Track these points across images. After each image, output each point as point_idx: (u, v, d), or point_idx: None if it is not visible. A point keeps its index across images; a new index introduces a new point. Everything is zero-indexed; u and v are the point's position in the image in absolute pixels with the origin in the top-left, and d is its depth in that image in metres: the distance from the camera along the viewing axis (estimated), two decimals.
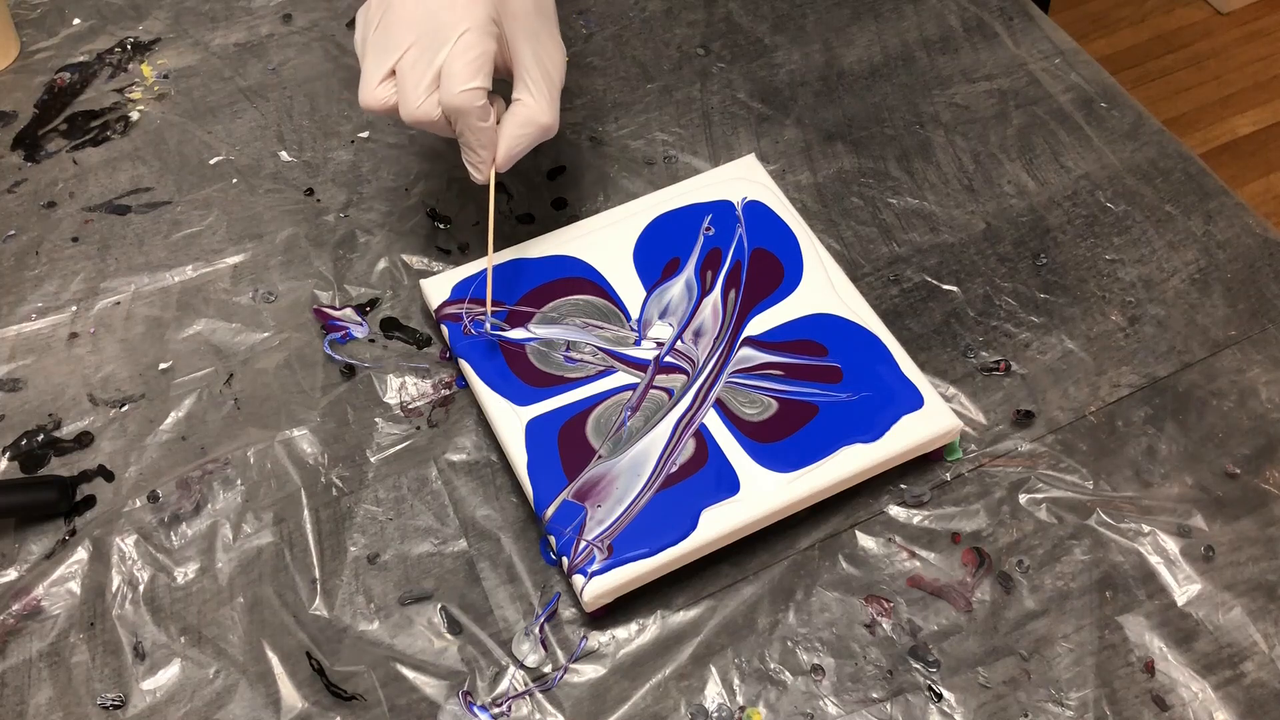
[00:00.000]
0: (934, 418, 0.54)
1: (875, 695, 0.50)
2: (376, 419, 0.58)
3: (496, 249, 0.63)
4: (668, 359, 0.56)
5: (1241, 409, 0.57)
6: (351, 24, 0.75)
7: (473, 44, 0.52)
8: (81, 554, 0.54)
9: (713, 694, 0.50)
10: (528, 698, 0.50)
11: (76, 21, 0.76)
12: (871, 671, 0.50)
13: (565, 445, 0.53)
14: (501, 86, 0.56)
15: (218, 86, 0.72)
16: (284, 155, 0.69)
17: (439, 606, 0.52)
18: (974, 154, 0.67)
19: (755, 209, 0.62)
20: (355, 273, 0.63)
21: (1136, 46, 1.83)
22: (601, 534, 0.51)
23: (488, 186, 0.57)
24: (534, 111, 0.55)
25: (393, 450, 0.57)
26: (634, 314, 0.58)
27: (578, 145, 0.68)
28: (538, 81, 0.55)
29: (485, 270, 0.58)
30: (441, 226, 0.65)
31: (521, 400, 0.55)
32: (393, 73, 0.54)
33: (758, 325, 0.57)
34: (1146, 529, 0.54)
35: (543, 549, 0.54)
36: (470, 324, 0.58)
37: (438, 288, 0.59)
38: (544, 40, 0.55)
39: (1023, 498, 0.55)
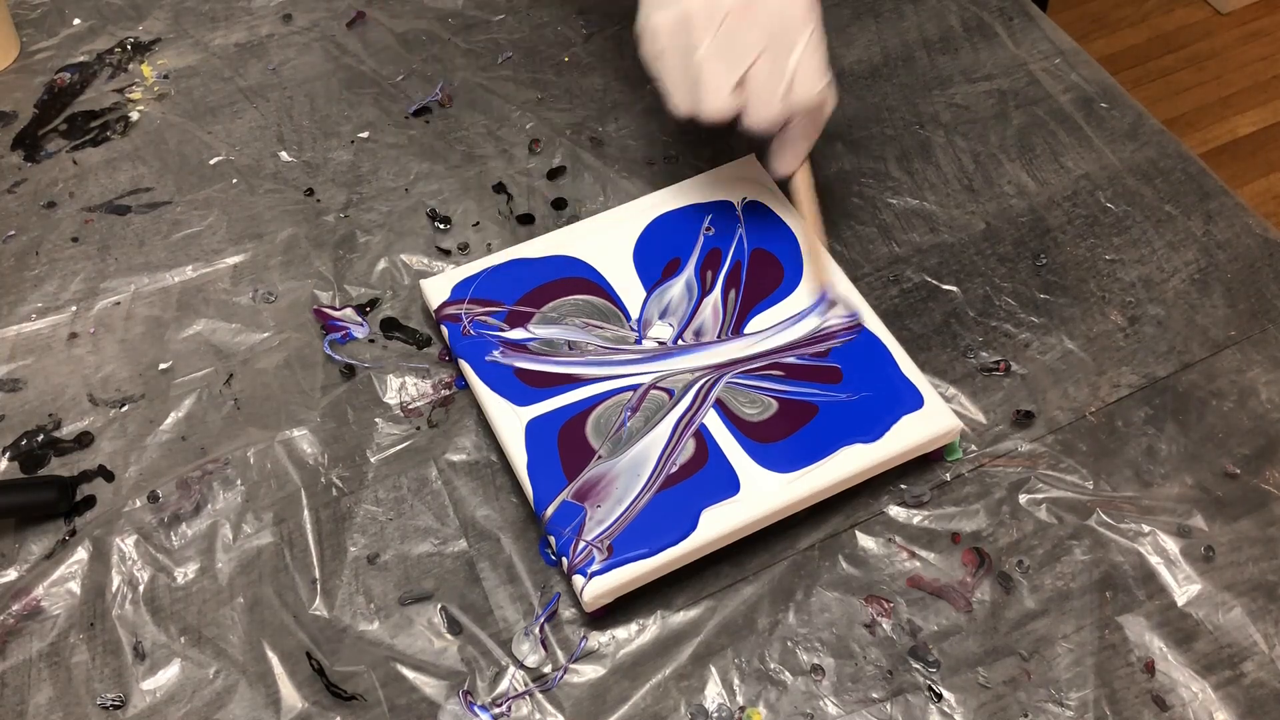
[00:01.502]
0: (934, 418, 0.54)
1: (875, 695, 0.50)
2: (376, 419, 0.58)
3: (496, 249, 0.63)
4: (668, 360, 0.56)
5: (1241, 409, 0.57)
6: (352, 24, 0.75)
7: (818, 44, 0.54)
8: (81, 554, 0.54)
9: (713, 694, 0.50)
10: (528, 698, 0.50)
11: (76, 21, 0.76)
12: (871, 671, 0.50)
13: (565, 445, 0.53)
14: None
15: (218, 86, 0.72)
16: (284, 155, 0.69)
17: (439, 606, 0.52)
18: (974, 154, 0.67)
19: (755, 209, 0.62)
20: (355, 273, 0.63)
21: (1136, 46, 1.83)
22: (601, 534, 0.51)
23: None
24: (829, 101, 0.57)
25: (393, 450, 0.57)
26: (634, 314, 0.58)
27: (578, 145, 0.68)
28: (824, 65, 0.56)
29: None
30: (441, 226, 0.65)
31: (521, 400, 0.55)
32: (739, 81, 0.54)
33: (758, 325, 0.57)
34: (1146, 529, 0.54)
35: (542, 549, 0.54)
36: (470, 325, 0.58)
37: (438, 288, 0.59)
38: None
39: (1023, 498, 0.55)
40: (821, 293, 0.58)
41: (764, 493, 0.52)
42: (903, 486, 0.55)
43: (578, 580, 0.50)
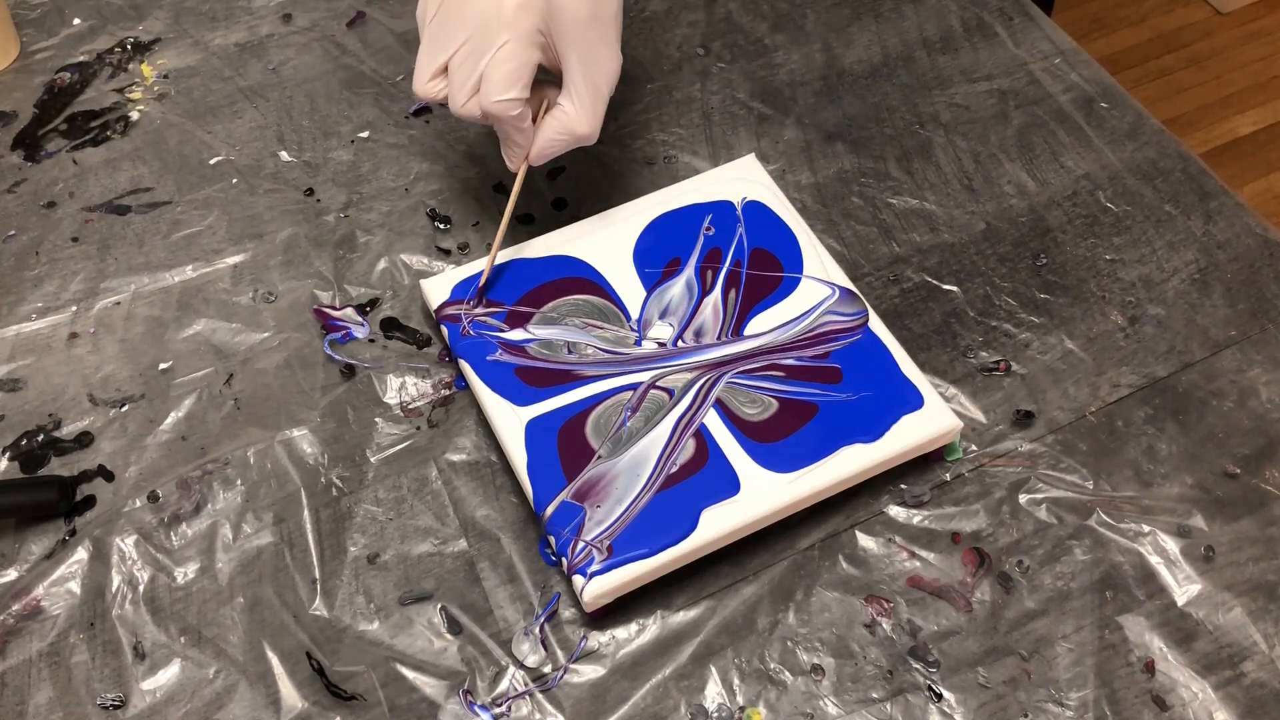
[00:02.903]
0: (934, 418, 0.54)
1: (875, 695, 0.50)
2: (376, 419, 0.58)
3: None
4: (667, 361, 0.56)
5: (1241, 409, 0.57)
6: (352, 24, 0.75)
7: (512, 54, 0.54)
8: (81, 554, 0.54)
9: (713, 694, 0.50)
10: (528, 698, 0.50)
11: (76, 21, 0.76)
12: (871, 671, 0.50)
13: (565, 445, 0.53)
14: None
15: (218, 86, 0.72)
16: (284, 155, 0.69)
17: (439, 606, 0.52)
18: (974, 154, 0.67)
19: (755, 209, 0.62)
20: (355, 273, 0.63)
21: (1136, 46, 1.83)
22: (601, 534, 0.51)
23: (513, 176, 0.60)
24: (572, 120, 0.56)
25: (393, 450, 0.57)
26: (634, 314, 0.58)
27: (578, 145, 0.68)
28: (580, 91, 0.55)
29: (486, 262, 0.59)
30: (441, 226, 0.65)
31: (521, 400, 0.55)
32: (445, 67, 0.56)
33: (758, 325, 0.57)
34: (1146, 529, 0.54)
35: (542, 549, 0.54)
36: (470, 325, 0.58)
37: (438, 288, 0.59)
38: (596, 49, 0.55)
39: (1023, 498, 0.55)
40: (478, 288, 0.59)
41: (764, 493, 0.52)
42: (903, 486, 0.55)
43: (578, 580, 0.50)
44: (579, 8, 0.54)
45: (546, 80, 0.57)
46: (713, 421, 0.54)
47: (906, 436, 0.53)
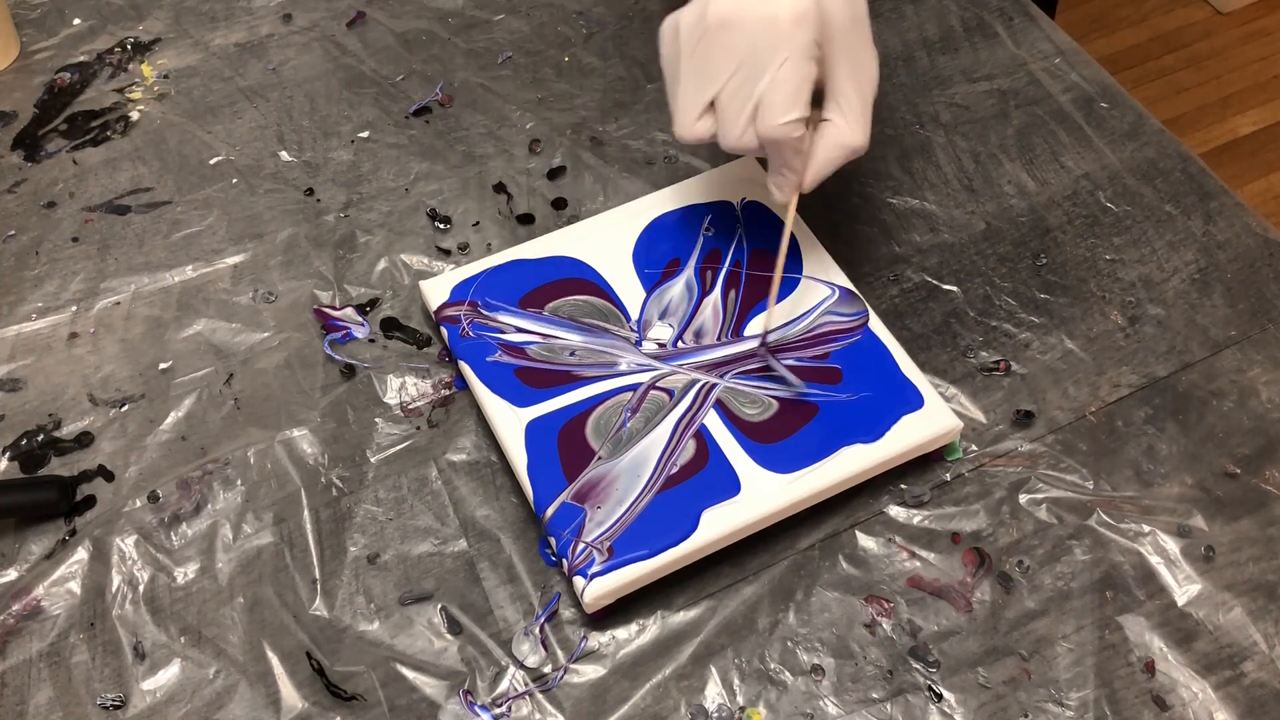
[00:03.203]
0: (934, 418, 0.54)
1: (875, 695, 0.50)
2: (376, 419, 0.58)
3: (496, 249, 0.63)
4: (667, 362, 0.56)
5: (1241, 409, 0.57)
6: (352, 24, 0.75)
7: (793, 72, 0.50)
8: (81, 554, 0.54)
9: (713, 694, 0.50)
10: (528, 698, 0.50)
11: (76, 21, 0.76)
12: (871, 671, 0.50)
13: (565, 446, 0.53)
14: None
15: (218, 86, 0.72)
16: (284, 155, 0.69)
17: (439, 606, 0.52)
18: (974, 154, 0.67)
19: (755, 209, 0.62)
20: (355, 273, 0.63)
21: (1136, 46, 1.83)
22: (601, 535, 0.51)
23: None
24: (845, 134, 0.52)
25: (393, 450, 0.57)
26: (634, 314, 0.58)
27: (578, 145, 0.68)
28: (850, 101, 0.52)
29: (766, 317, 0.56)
30: (441, 226, 0.65)
31: (521, 401, 0.55)
32: (711, 104, 0.52)
33: (758, 326, 0.57)
34: (1146, 529, 0.54)
35: (542, 550, 0.54)
36: (469, 326, 0.58)
37: (437, 289, 0.59)
38: (860, 54, 0.52)
39: (1023, 498, 0.55)
40: (761, 338, 0.56)
41: (764, 493, 0.52)
42: (903, 486, 0.55)
43: (578, 582, 0.50)
44: (844, 11, 0.50)
45: None
46: (713, 422, 0.54)
47: (906, 436, 0.53)
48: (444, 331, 0.58)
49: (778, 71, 0.50)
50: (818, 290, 0.59)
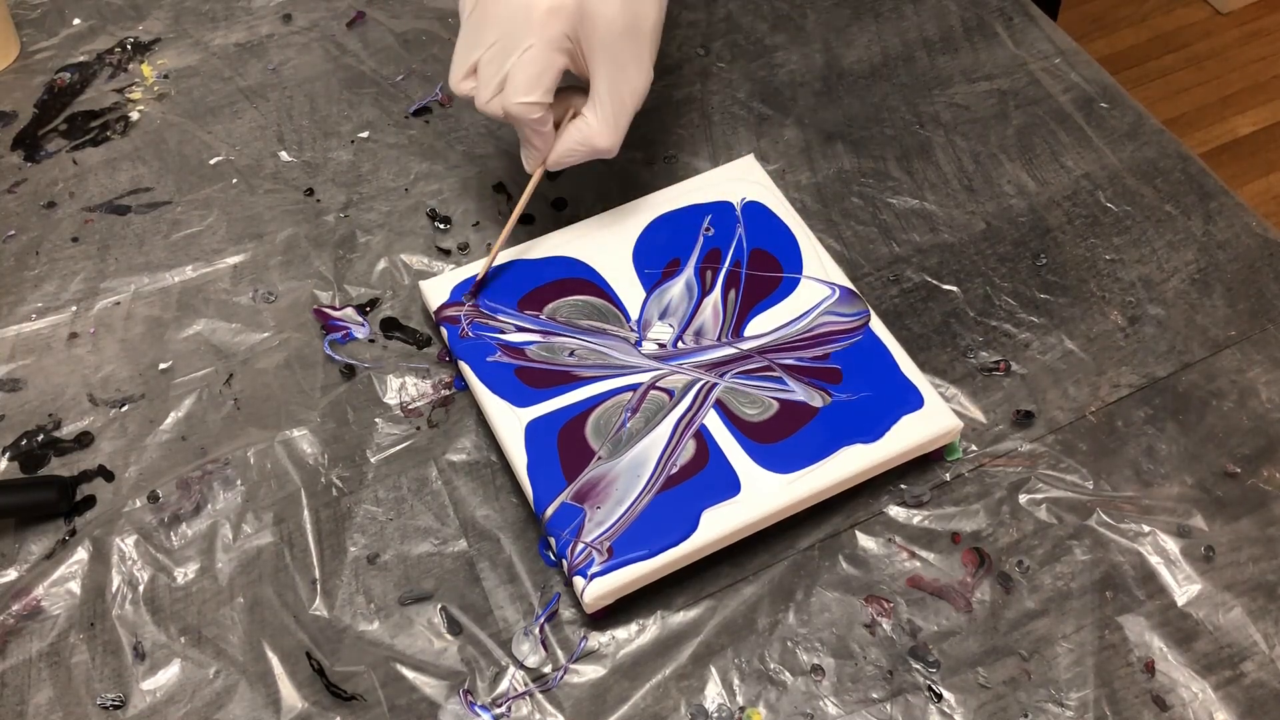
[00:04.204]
0: (934, 418, 0.54)
1: (875, 695, 0.50)
2: (376, 419, 0.58)
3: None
4: (668, 360, 0.56)
5: (1241, 409, 0.57)
6: (352, 24, 0.75)
7: (535, 59, 0.53)
8: (81, 554, 0.54)
9: (713, 694, 0.50)
10: (528, 698, 0.50)
11: (76, 21, 0.76)
12: (871, 672, 0.50)
13: (565, 446, 0.53)
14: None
15: (218, 86, 0.72)
16: (284, 155, 0.69)
17: (439, 606, 0.52)
18: (974, 154, 0.67)
19: (754, 209, 0.62)
20: (355, 273, 0.63)
21: (1136, 46, 1.83)
22: (601, 535, 0.51)
23: (522, 177, 0.60)
24: (593, 132, 0.56)
25: (393, 450, 0.57)
26: (634, 314, 0.58)
27: None
28: (604, 104, 0.55)
29: (483, 263, 0.59)
30: (441, 226, 0.65)
31: (521, 401, 0.55)
32: (475, 66, 0.55)
33: (758, 326, 0.57)
34: (1146, 529, 0.54)
35: (542, 550, 0.54)
36: (469, 327, 0.58)
37: (437, 289, 0.59)
38: (625, 63, 0.54)
39: (1023, 498, 0.55)
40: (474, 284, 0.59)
41: (764, 493, 0.52)
42: (903, 486, 0.55)
43: (578, 582, 0.50)
44: (613, 19, 0.53)
45: (574, 87, 0.57)
46: (713, 422, 0.54)
47: (906, 436, 0.53)
48: (444, 331, 0.58)
49: (523, 54, 0.53)
50: (818, 290, 0.59)
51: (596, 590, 0.50)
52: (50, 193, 0.68)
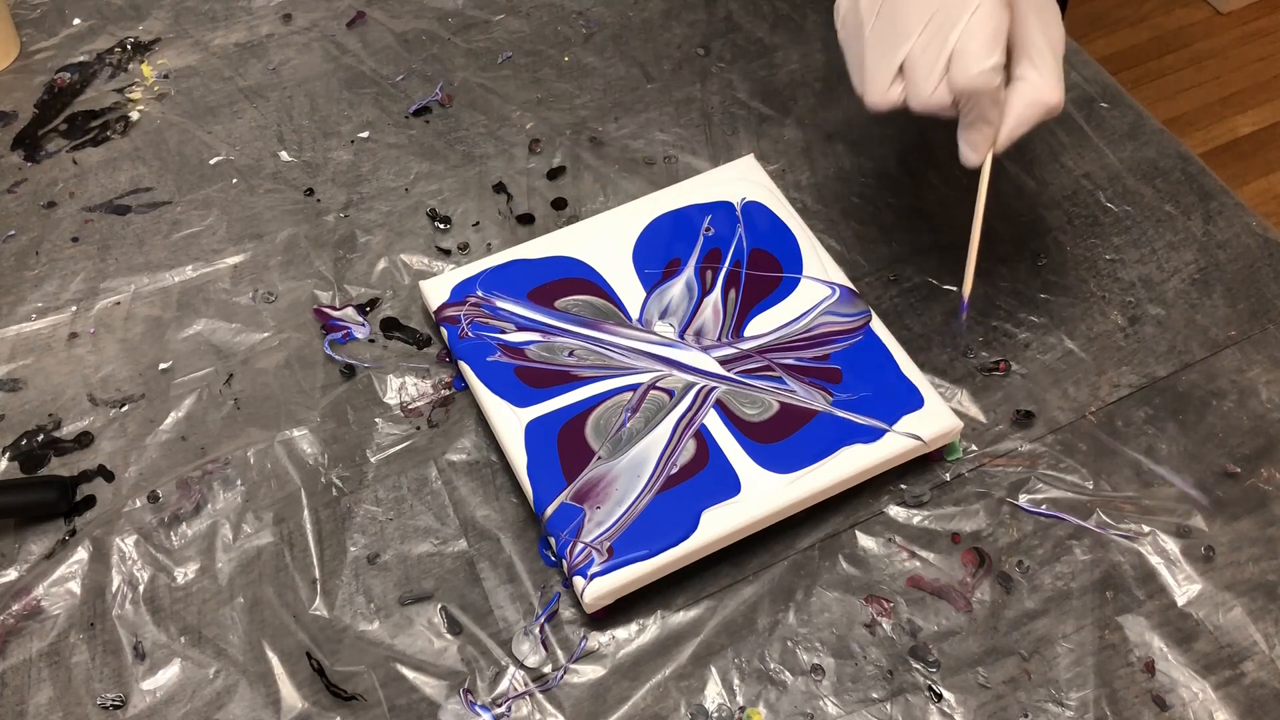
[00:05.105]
0: (934, 418, 0.54)
1: (875, 695, 0.50)
2: (376, 419, 0.58)
3: (496, 249, 0.63)
4: (668, 354, 0.56)
5: (1241, 409, 0.57)
6: (352, 24, 0.75)
7: (989, 16, 0.48)
8: (81, 554, 0.54)
9: (713, 694, 0.50)
10: (528, 698, 0.50)
11: (76, 21, 0.76)
12: (871, 671, 0.50)
13: (565, 446, 0.53)
14: None
15: (218, 86, 0.72)
16: (284, 155, 0.69)
17: (439, 606, 0.52)
18: None
19: (754, 209, 0.62)
20: (355, 273, 0.63)
21: (1136, 46, 1.83)
22: (601, 535, 0.51)
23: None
24: (1041, 89, 0.50)
25: (393, 450, 0.57)
26: (634, 314, 0.58)
27: (578, 145, 0.68)
28: (1044, 55, 0.50)
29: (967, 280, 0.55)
30: (441, 226, 0.65)
31: (521, 401, 0.55)
32: (900, 68, 0.51)
33: (758, 326, 0.57)
34: (1146, 529, 0.54)
35: (542, 550, 0.54)
36: (468, 327, 0.58)
37: (437, 289, 0.59)
38: (1047, 8, 0.51)
39: (1023, 498, 0.55)
40: (962, 302, 0.56)
41: (764, 493, 0.52)
42: (903, 486, 0.55)
43: (578, 582, 0.50)
44: None
45: None
46: (713, 422, 0.54)
47: (906, 437, 0.53)
48: (444, 331, 0.58)
49: (971, 19, 0.48)
50: (818, 290, 0.59)
51: (597, 590, 0.50)
52: (50, 193, 0.68)
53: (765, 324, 0.58)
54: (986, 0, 0.48)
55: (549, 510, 0.52)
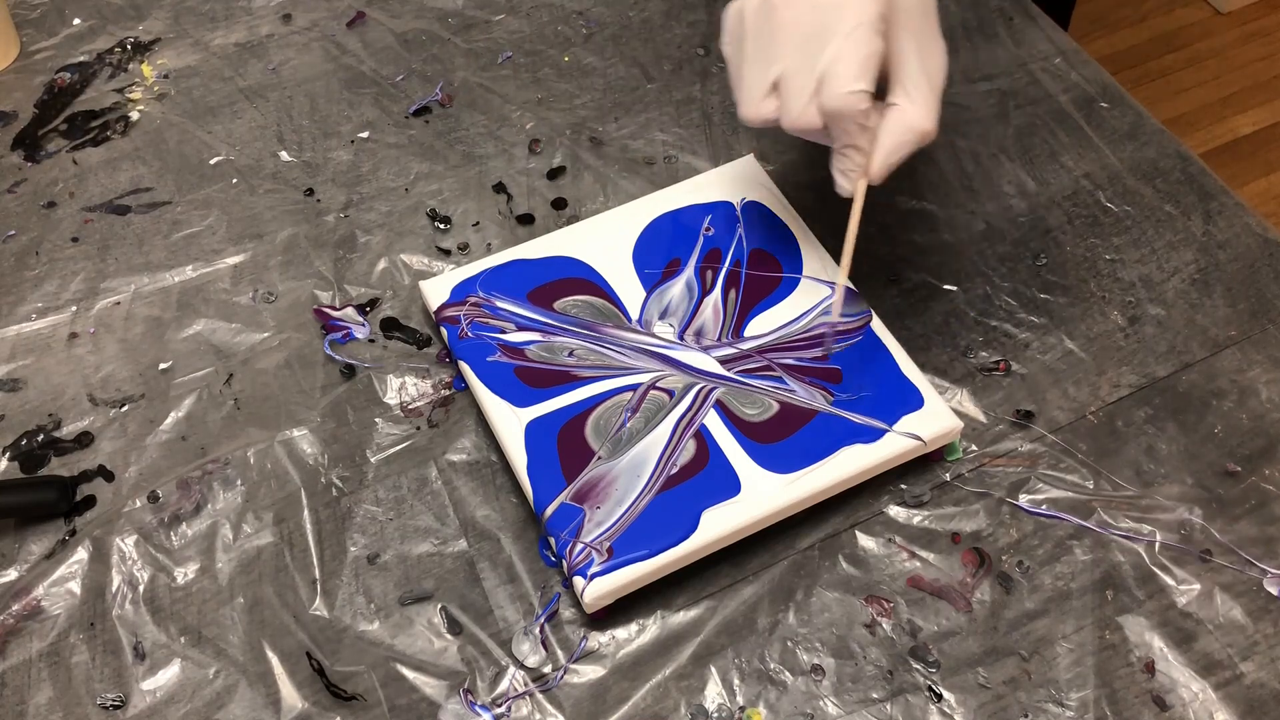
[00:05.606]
0: (934, 418, 0.54)
1: (875, 695, 0.50)
2: (376, 419, 0.58)
3: (496, 249, 0.63)
4: (668, 352, 0.56)
5: (1241, 409, 0.57)
6: (352, 24, 0.75)
7: (861, 42, 0.48)
8: (81, 554, 0.54)
9: (713, 694, 0.50)
10: (528, 698, 0.50)
11: (76, 21, 0.76)
12: (871, 672, 0.50)
13: (565, 447, 0.53)
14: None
15: (218, 86, 0.72)
16: (284, 155, 0.69)
17: (439, 606, 0.52)
18: (974, 154, 0.67)
19: (754, 209, 0.62)
20: (355, 273, 0.63)
21: (1136, 46, 1.83)
22: (601, 535, 0.51)
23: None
24: (914, 116, 0.50)
25: (393, 450, 0.57)
26: (634, 314, 0.58)
27: (578, 145, 0.68)
28: (919, 83, 0.50)
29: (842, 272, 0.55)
30: (441, 226, 0.65)
31: (521, 401, 0.55)
32: (776, 84, 0.51)
33: (758, 326, 0.57)
34: (1146, 529, 0.54)
35: (542, 550, 0.54)
36: (468, 327, 0.58)
37: (437, 289, 0.59)
38: (927, 39, 0.51)
39: (1023, 498, 0.55)
40: (831, 325, 0.57)
41: (764, 493, 0.52)
42: (903, 486, 0.55)
43: (578, 582, 0.50)
44: None
45: None
46: (713, 422, 0.54)
47: (906, 437, 0.53)
48: (444, 331, 0.58)
49: (844, 42, 0.48)
50: (818, 290, 0.59)
51: (597, 590, 0.50)
52: (50, 193, 0.68)
53: (765, 324, 0.58)
54: (861, 27, 0.48)
55: (549, 510, 0.52)
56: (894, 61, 0.50)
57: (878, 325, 0.57)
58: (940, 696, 0.49)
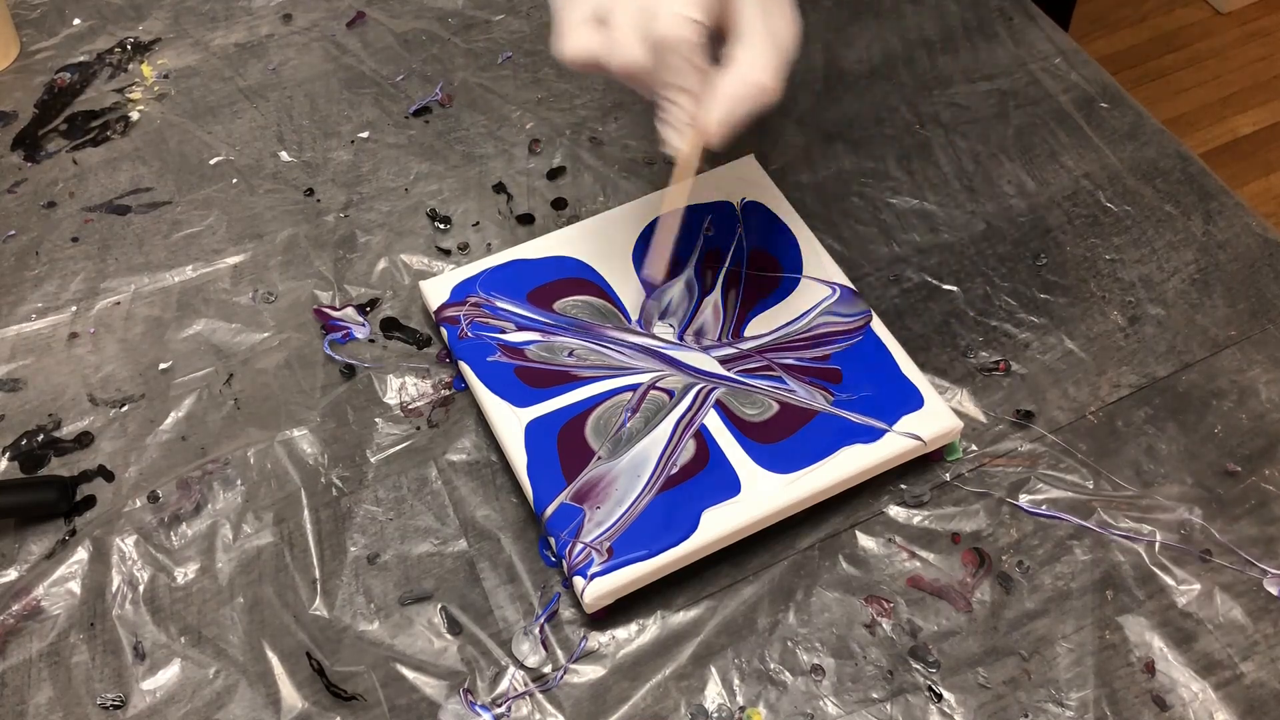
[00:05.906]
0: (934, 418, 0.54)
1: (875, 695, 0.50)
2: (376, 419, 0.58)
3: (496, 249, 0.63)
4: (668, 352, 0.56)
5: (1241, 409, 0.57)
6: (352, 24, 0.75)
7: None
8: (81, 554, 0.54)
9: (713, 694, 0.50)
10: (528, 698, 0.50)
11: (76, 21, 0.76)
12: (871, 672, 0.50)
13: (564, 447, 0.53)
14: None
15: (218, 86, 0.72)
16: (284, 155, 0.69)
17: (439, 606, 0.52)
18: (974, 154, 0.67)
19: (754, 209, 0.62)
20: (355, 273, 0.63)
21: (1136, 46, 1.83)
22: (601, 535, 0.51)
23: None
24: (752, 69, 0.44)
25: (393, 450, 0.57)
26: (634, 314, 0.58)
27: (578, 145, 0.68)
28: (759, 38, 0.45)
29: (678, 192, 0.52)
30: (441, 226, 0.65)
31: (521, 401, 0.55)
32: (601, 18, 0.46)
33: (758, 326, 0.57)
34: (1146, 529, 0.54)
35: (542, 550, 0.54)
36: (468, 327, 0.58)
37: (437, 289, 0.59)
38: (773, 6, 0.46)
39: (1023, 498, 0.55)
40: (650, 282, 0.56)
41: (764, 493, 0.52)
42: (903, 486, 0.55)
43: (578, 582, 0.50)
44: None
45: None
46: (713, 422, 0.54)
47: (906, 437, 0.53)
48: (444, 332, 0.58)
49: None
50: (818, 290, 0.59)
51: (597, 590, 0.50)
52: (50, 193, 0.68)
53: (765, 324, 0.58)
54: None
55: (549, 510, 0.52)
56: (735, 18, 0.46)
57: (878, 325, 0.57)
58: (940, 696, 0.49)
